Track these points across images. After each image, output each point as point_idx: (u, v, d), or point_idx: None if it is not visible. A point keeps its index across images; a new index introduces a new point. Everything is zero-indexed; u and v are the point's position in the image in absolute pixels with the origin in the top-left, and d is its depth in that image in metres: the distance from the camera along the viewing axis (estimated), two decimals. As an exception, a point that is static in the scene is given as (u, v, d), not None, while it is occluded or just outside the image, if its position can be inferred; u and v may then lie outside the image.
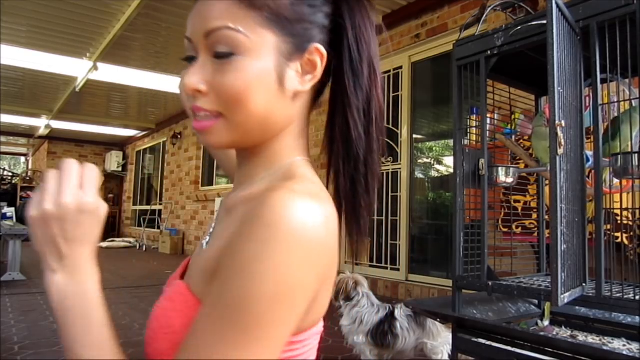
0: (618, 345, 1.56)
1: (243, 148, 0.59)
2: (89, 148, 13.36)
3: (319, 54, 0.56)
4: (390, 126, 4.84)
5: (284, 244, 0.43)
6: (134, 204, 12.57)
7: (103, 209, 0.51)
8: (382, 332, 2.40)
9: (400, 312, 2.43)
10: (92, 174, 0.51)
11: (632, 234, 2.04)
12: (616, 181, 1.50)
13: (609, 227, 1.65)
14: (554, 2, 1.21)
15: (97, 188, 0.52)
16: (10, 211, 7.77)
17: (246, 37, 0.52)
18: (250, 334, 0.43)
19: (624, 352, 1.33)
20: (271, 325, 0.43)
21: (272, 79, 0.53)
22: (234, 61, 0.52)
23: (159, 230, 9.96)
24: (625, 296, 1.30)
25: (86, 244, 0.50)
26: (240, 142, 0.57)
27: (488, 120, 1.78)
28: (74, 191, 0.49)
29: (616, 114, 1.47)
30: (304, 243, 0.44)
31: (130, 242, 10.66)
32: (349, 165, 0.57)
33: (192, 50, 0.55)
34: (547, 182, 1.75)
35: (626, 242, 2.09)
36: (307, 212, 0.45)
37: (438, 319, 1.77)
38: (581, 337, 1.66)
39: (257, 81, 0.52)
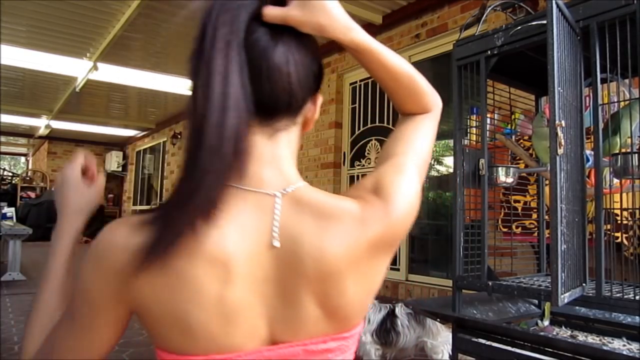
0: (618, 345, 1.56)
1: None
2: (89, 148, 13.34)
3: None
4: (391, 126, 4.84)
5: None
6: (134, 204, 12.56)
7: (61, 176, 0.73)
8: (385, 330, 2.42)
9: (401, 310, 2.45)
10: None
11: (631, 233, 2.04)
12: (616, 181, 1.50)
13: (609, 227, 1.65)
14: (554, 2, 1.21)
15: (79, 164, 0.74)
16: (10, 211, 7.74)
17: None
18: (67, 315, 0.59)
19: (624, 352, 1.33)
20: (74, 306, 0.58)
21: None
22: None
23: (159, 230, 9.95)
24: (625, 296, 1.30)
25: (63, 214, 0.72)
26: None
27: (488, 120, 1.78)
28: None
29: (616, 114, 1.47)
30: (90, 254, 0.57)
31: (130, 242, 10.63)
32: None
33: None
34: (547, 182, 1.75)
35: (625, 242, 2.09)
36: (102, 233, 0.58)
37: (438, 319, 1.77)
38: (581, 337, 1.66)
39: None
